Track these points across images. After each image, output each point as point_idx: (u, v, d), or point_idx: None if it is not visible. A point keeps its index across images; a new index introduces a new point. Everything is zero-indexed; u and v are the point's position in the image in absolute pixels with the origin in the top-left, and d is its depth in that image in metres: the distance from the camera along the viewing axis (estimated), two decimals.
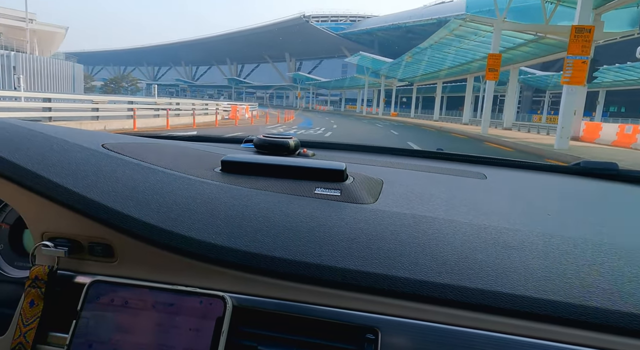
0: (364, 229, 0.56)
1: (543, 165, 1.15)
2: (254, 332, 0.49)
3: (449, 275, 0.48)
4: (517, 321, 0.44)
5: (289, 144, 0.93)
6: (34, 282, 0.54)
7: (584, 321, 0.43)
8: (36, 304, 0.54)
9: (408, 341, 0.45)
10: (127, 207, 0.56)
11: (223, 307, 0.49)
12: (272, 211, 0.58)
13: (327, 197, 0.64)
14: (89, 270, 0.56)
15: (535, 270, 0.49)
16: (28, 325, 0.53)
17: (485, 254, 0.51)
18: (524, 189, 0.93)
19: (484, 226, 0.59)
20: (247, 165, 0.73)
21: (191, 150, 0.91)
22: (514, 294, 0.45)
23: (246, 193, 0.63)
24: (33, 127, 0.73)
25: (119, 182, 0.61)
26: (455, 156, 1.21)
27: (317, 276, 0.49)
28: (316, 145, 1.26)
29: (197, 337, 0.48)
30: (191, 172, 0.70)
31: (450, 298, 0.46)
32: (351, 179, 0.73)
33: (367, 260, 0.50)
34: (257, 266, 0.50)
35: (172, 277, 0.53)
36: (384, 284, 0.48)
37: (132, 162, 0.69)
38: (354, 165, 0.93)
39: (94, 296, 0.51)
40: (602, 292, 0.46)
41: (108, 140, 0.79)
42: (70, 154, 0.65)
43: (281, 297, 0.49)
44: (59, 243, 0.56)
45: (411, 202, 0.67)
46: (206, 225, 0.54)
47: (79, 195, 0.56)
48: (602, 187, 1.00)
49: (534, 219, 0.67)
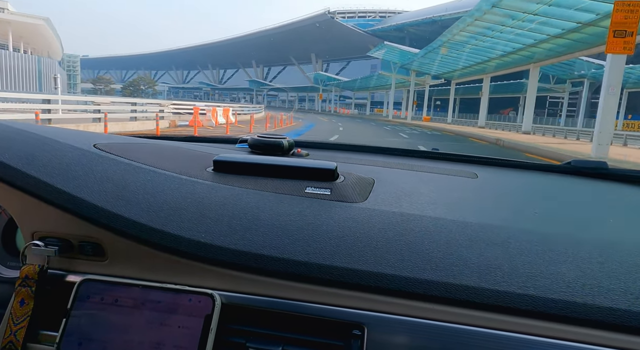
0: (352, 227, 0.56)
1: (535, 165, 1.14)
2: (243, 329, 0.49)
3: (434, 271, 0.48)
4: (501, 316, 0.45)
5: (282, 144, 0.94)
6: (24, 281, 0.54)
7: (564, 316, 0.44)
8: (26, 303, 0.54)
9: (394, 337, 0.46)
10: (117, 206, 0.56)
11: (212, 305, 0.49)
12: (262, 210, 0.59)
13: (318, 196, 0.65)
14: (79, 269, 0.56)
15: (519, 267, 0.49)
16: (18, 324, 0.53)
17: (470, 251, 0.52)
18: (513, 187, 0.94)
19: (470, 224, 0.59)
20: (238, 165, 0.75)
21: (184, 150, 0.91)
22: (497, 290, 0.46)
23: (237, 192, 0.64)
24: (24, 127, 0.73)
25: (110, 182, 0.61)
26: (448, 156, 1.21)
27: (305, 274, 0.49)
28: (311, 146, 1.25)
29: (186, 334, 0.48)
30: (183, 171, 0.71)
31: (435, 294, 0.47)
32: (342, 178, 0.74)
33: (354, 257, 0.50)
34: (245, 264, 0.51)
35: (162, 275, 0.53)
36: (371, 280, 0.48)
37: (123, 161, 0.69)
38: (347, 165, 0.94)
39: (84, 295, 0.52)
40: (582, 287, 0.46)
41: (100, 141, 0.79)
42: (61, 153, 0.66)
43: (269, 294, 0.50)
44: (49, 242, 0.56)
45: (400, 201, 0.67)
46: (196, 224, 0.55)
47: (69, 194, 0.56)
48: (592, 185, 1.00)
49: (521, 216, 0.67)
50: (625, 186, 1.00)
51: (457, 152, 1.23)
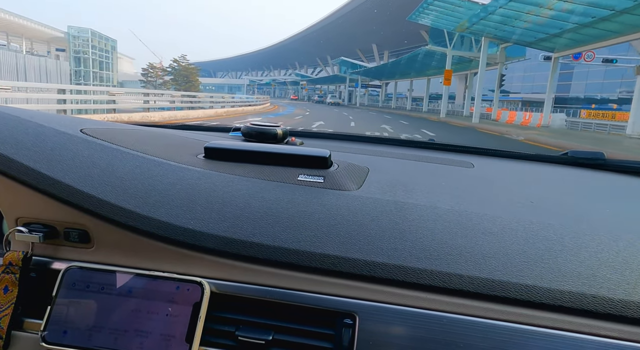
0: (345, 215, 0.55)
1: (531, 155, 1.14)
2: (232, 317, 0.49)
3: (428, 260, 0.48)
4: (496, 306, 0.45)
5: (276, 132, 0.94)
6: (7, 268, 0.53)
7: (559, 305, 0.44)
8: (10, 290, 0.52)
9: (385, 326, 0.46)
10: (103, 192, 0.55)
11: (201, 293, 0.48)
12: (253, 197, 0.58)
13: (310, 183, 0.64)
14: (64, 256, 0.55)
15: (514, 256, 0.49)
16: (2, 312, 0.52)
17: (465, 240, 0.52)
18: (509, 177, 0.93)
19: (465, 213, 0.59)
20: (230, 152, 0.74)
21: (175, 137, 0.89)
22: (492, 279, 0.46)
23: (228, 179, 0.63)
24: (7, 111, 0.71)
25: (96, 167, 0.59)
26: (445, 146, 1.20)
27: (296, 262, 0.49)
28: (305, 135, 1.24)
29: (174, 322, 0.47)
30: (173, 158, 0.69)
31: (428, 283, 0.46)
32: (336, 166, 0.73)
33: (346, 246, 0.50)
34: (235, 252, 0.50)
35: (149, 262, 0.52)
36: (363, 269, 0.48)
37: (110, 147, 0.67)
38: (342, 153, 0.94)
39: (70, 282, 0.51)
40: (578, 276, 0.46)
41: (87, 126, 0.77)
42: (46, 138, 0.64)
43: (259, 282, 0.49)
44: (33, 229, 0.55)
45: (395, 190, 0.67)
46: (185, 211, 0.54)
47: (53, 179, 0.55)
48: (588, 176, 1.00)
49: (516, 206, 0.67)
50: (622, 176, 1.00)
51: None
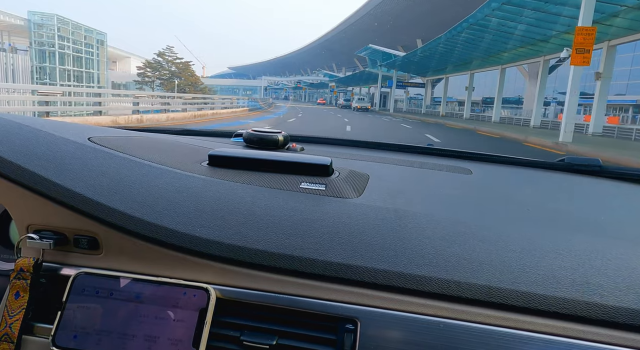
0: (346, 223, 0.57)
1: (529, 161, 1.15)
2: (237, 322, 0.50)
3: (427, 267, 0.49)
4: (492, 312, 0.46)
5: (277, 139, 0.95)
6: (19, 274, 0.54)
7: (554, 311, 0.45)
8: (21, 296, 0.54)
9: (387, 331, 0.46)
10: (112, 200, 0.56)
11: (207, 299, 0.50)
12: (257, 205, 0.59)
13: (312, 191, 0.66)
14: (74, 263, 0.57)
15: (510, 263, 0.50)
16: (13, 317, 0.53)
17: (462, 247, 0.53)
18: (507, 184, 0.95)
19: (462, 220, 0.60)
20: (233, 160, 0.75)
21: (179, 144, 0.91)
22: (489, 286, 0.47)
23: (232, 187, 0.65)
24: (19, 120, 0.73)
25: (105, 176, 0.61)
26: (444, 151, 1.22)
27: (299, 268, 0.50)
28: (306, 140, 1.25)
29: (181, 327, 0.49)
30: (178, 166, 0.71)
31: (428, 290, 0.47)
32: (337, 173, 0.75)
33: (348, 253, 0.51)
34: (240, 259, 0.51)
35: (156, 269, 0.54)
36: (365, 276, 0.49)
37: (118, 155, 0.69)
38: (343, 160, 0.95)
39: (79, 288, 0.52)
40: (572, 283, 0.47)
41: (95, 134, 0.79)
42: (56, 146, 0.66)
43: (264, 288, 0.50)
44: (44, 235, 0.56)
45: (394, 197, 0.68)
46: (191, 219, 0.55)
47: (64, 188, 0.57)
48: (585, 182, 1.01)
49: (513, 213, 0.68)
50: (618, 183, 1.01)
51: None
